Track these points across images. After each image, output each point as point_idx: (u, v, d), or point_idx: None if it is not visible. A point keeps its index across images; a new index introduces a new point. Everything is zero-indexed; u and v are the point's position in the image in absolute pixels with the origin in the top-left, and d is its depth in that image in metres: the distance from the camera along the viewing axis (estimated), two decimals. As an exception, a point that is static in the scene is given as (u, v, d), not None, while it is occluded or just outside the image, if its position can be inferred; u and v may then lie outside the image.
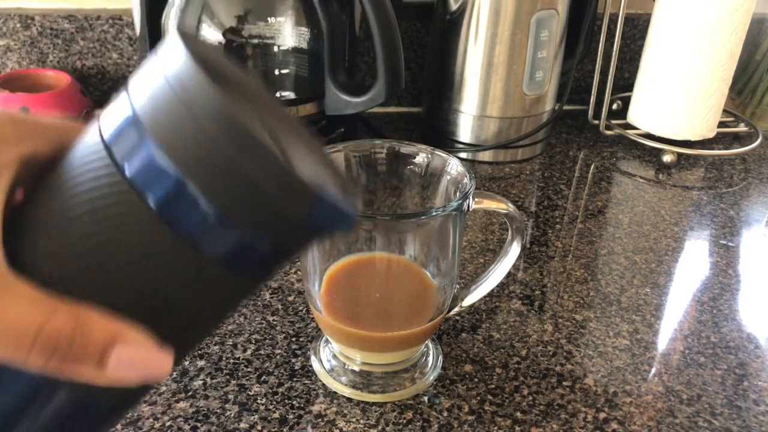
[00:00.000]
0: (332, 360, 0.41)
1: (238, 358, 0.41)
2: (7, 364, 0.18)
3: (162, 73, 0.18)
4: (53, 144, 0.20)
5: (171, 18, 0.58)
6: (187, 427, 0.36)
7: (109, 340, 0.19)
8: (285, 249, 0.20)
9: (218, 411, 0.37)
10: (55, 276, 0.19)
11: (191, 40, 0.19)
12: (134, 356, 0.19)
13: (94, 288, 0.19)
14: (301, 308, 0.46)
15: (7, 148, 0.19)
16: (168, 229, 0.18)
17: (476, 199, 0.37)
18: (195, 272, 0.19)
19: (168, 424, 0.36)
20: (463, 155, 0.72)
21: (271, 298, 0.47)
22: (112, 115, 0.19)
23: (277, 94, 0.61)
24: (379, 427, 0.37)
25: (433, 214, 0.35)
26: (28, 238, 0.19)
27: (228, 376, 0.40)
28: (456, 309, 0.41)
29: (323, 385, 0.40)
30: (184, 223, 0.18)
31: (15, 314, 0.18)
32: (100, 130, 0.19)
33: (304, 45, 0.60)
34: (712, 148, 0.75)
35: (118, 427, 0.36)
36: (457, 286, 0.41)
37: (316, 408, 0.38)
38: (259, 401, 0.38)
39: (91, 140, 0.19)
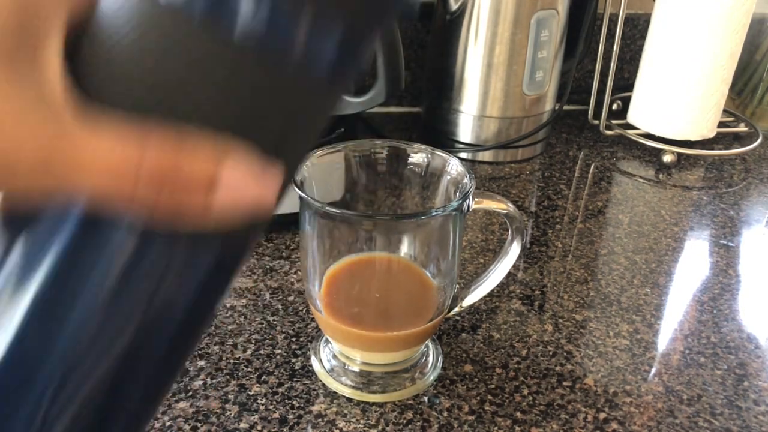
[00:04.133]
0: (332, 360, 0.41)
1: (238, 358, 0.41)
2: (118, 215, 0.17)
3: None
4: None
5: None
6: (187, 427, 0.36)
7: (214, 160, 0.17)
8: (357, 40, 0.18)
9: (218, 411, 0.37)
10: (129, 105, 0.17)
11: None
12: (243, 176, 0.17)
13: (171, 111, 0.17)
14: (301, 308, 0.46)
15: None
16: (216, 35, 0.17)
17: (476, 199, 0.37)
18: (261, 74, 0.17)
19: (168, 424, 0.36)
20: (463, 155, 0.72)
21: (271, 298, 0.47)
22: None
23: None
24: (379, 427, 0.37)
25: (433, 214, 0.35)
26: (93, 68, 0.18)
27: (228, 376, 0.40)
28: (456, 309, 0.41)
29: (323, 385, 0.40)
30: (234, 25, 0.16)
31: (108, 148, 0.16)
32: None
33: (304, 45, 0.60)
34: (712, 148, 0.75)
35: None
36: (457, 286, 0.41)
37: (316, 408, 0.38)
38: (259, 401, 0.38)
39: None
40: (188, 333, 0.21)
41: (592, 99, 0.78)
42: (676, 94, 0.72)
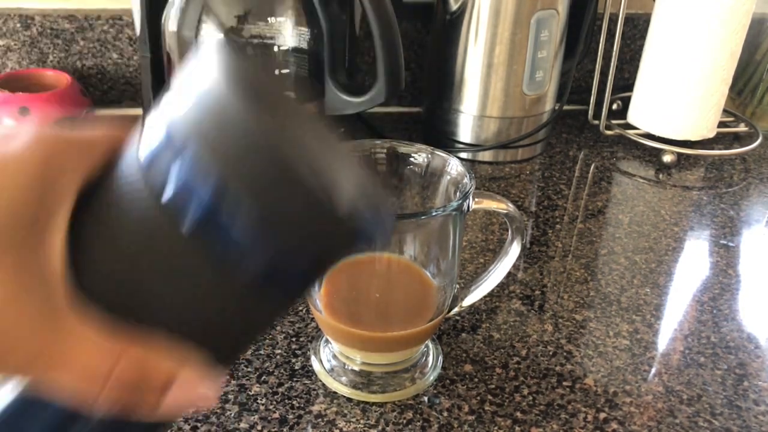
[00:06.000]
0: (332, 360, 0.41)
1: (238, 358, 0.41)
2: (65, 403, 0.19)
3: (197, 92, 0.17)
4: (105, 162, 0.20)
5: (171, 18, 0.58)
6: (187, 427, 0.36)
7: (170, 377, 0.19)
8: (322, 266, 0.20)
9: (218, 411, 0.37)
10: (113, 307, 0.19)
11: (225, 54, 0.18)
12: (187, 392, 0.20)
13: (149, 316, 0.19)
14: (301, 308, 0.46)
15: (68, 175, 0.19)
16: (202, 253, 0.18)
17: (476, 199, 0.37)
18: (238, 298, 0.19)
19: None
20: (463, 155, 0.72)
21: (271, 298, 0.47)
22: (148, 135, 0.19)
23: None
24: (379, 427, 0.37)
25: (433, 214, 0.35)
26: (85, 268, 0.19)
27: (228, 376, 0.40)
28: (456, 309, 0.41)
29: (323, 385, 0.40)
30: (220, 249, 0.18)
31: (86, 358, 0.18)
32: (137, 151, 0.19)
33: (304, 45, 0.60)
34: (712, 148, 0.75)
35: (118, 427, 0.36)
36: (457, 286, 0.41)
37: (316, 408, 0.38)
38: (259, 401, 0.38)
39: (129, 163, 0.19)
40: None
41: (592, 99, 0.78)
42: (676, 94, 0.72)
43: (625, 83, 0.86)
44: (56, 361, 0.18)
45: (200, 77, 0.18)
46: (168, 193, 0.18)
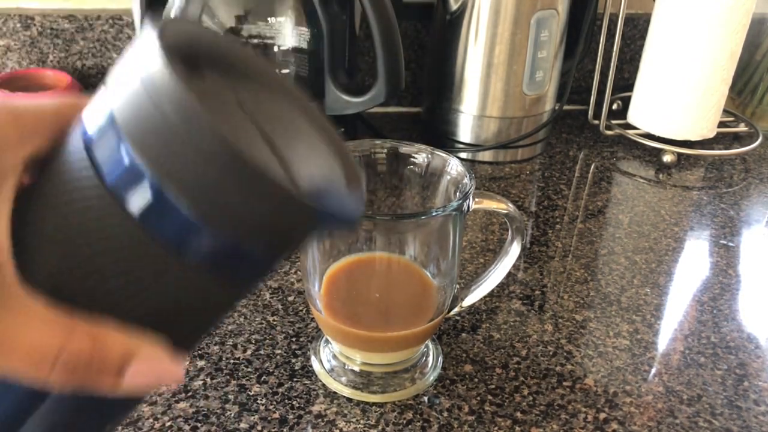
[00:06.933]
0: (332, 360, 0.41)
1: (238, 358, 0.41)
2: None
3: (137, 73, 0.17)
4: (54, 136, 0.19)
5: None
6: (187, 427, 0.36)
7: (126, 355, 0.19)
8: (280, 252, 0.19)
9: (218, 411, 0.37)
10: (61, 290, 0.18)
11: (169, 30, 0.18)
12: (150, 368, 0.19)
13: (98, 301, 0.19)
14: (301, 308, 0.46)
15: (9, 151, 0.18)
16: (150, 238, 0.18)
17: (476, 199, 0.37)
18: (187, 281, 0.19)
19: (168, 424, 0.36)
20: (463, 155, 0.72)
21: (271, 298, 0.47)
22: (93, 116, 0.18)
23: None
24: (379, 427, 0.37)
25: (433, 214, 0.35)
26: (31, 248, 0.18)
27: (228, 376, 0.40)
28: (456, 309, 0.41)
29: (323, 385, 0.40)
30: (167, 231, 0.17)
31: (34, 337, 0.17)
32: (83, 130, 0.18)
33: (304, 45, 0.60)
34: (712, 148, 0.75)
35: (119, 427, 0.36)
36: (457, 286, 0.41)
37: (316, 408, 0.38)
38: (259, 401, 0.38)
39: (75, 143, 0.18)
40: None
41: (592, 99, 0.78)
42: (676, 94, 0.72)
43: (625, 83, 0.86)
44: (3, 339, 0.17)
45: (143, 56, 0.17)
46: (114, 174, 0.17)
